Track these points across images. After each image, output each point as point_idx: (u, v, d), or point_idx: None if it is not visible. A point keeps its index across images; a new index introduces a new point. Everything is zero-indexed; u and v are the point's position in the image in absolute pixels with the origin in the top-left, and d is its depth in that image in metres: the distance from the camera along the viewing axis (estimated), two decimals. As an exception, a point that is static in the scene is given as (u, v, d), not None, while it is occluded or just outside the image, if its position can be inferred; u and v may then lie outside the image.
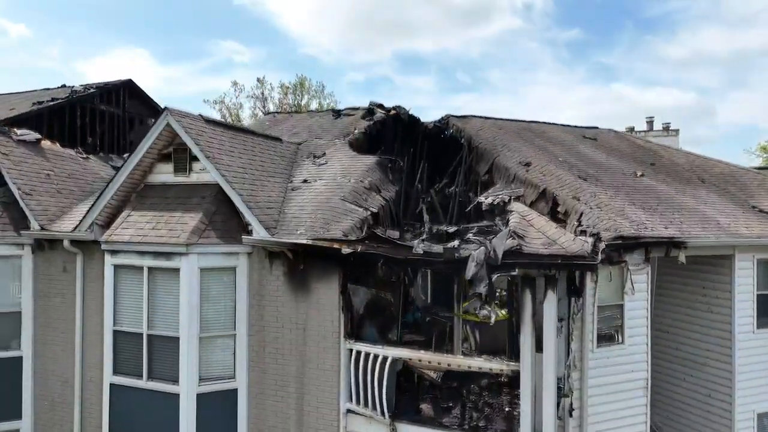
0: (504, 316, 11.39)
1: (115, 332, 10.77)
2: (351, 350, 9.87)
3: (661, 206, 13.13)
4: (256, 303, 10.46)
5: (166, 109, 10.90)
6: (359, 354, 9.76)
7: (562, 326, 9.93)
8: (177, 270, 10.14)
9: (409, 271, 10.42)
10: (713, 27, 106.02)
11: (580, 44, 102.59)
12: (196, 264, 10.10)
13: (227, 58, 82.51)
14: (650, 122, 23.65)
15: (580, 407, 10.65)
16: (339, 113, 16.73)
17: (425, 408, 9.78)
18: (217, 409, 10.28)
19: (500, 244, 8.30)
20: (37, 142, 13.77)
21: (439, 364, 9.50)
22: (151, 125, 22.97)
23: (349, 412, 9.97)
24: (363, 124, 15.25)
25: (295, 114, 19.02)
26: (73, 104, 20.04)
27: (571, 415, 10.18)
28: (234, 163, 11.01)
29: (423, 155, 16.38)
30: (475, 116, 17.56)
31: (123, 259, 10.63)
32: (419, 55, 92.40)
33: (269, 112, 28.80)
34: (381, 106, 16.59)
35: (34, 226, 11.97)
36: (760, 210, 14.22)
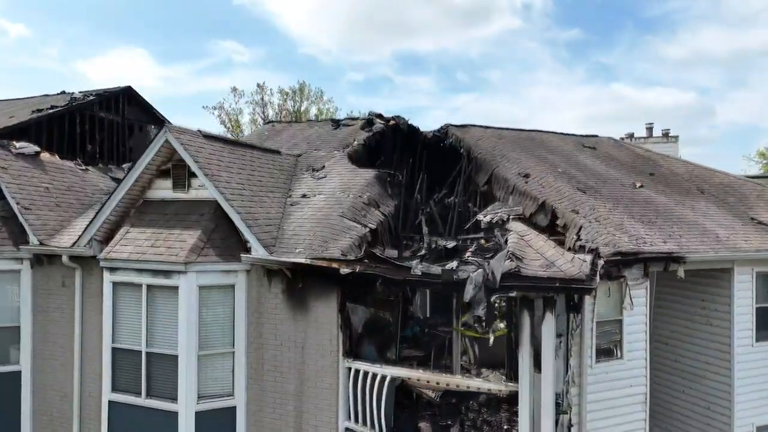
0: (503, 330, 11.39)
1: (114, 349, 10.77)
2: (350, 369, 9.87)
3: (660, 219, 13.13)
4: (255, 320, 10.46)
5: (164, 125, 10.90)
6: (358, 372, 9.77)
7: (560, 342, 9.92)
8: (176, 288, 10.14)
9: (408, 289, 10.41)
10: (713, 27, 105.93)
11: (580, 44, 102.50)
12: (195, 282, 10.10)
13: (227, 58, 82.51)
14: (650, 128, 23.53)
15: (579, 423, 10.67)
16: (338, 123, 16.72)
17: (424, 426, 9.77)
18: (215, 427, 10.29)
19: (498, 267, 8.29)
20: (36, 155, 13.76)
21: (438, 384, 9.50)
22: (151, 131, 23.12)
23: (348, 430, 9.98)
24: (362, 136, 15.24)
25: (295, 123, 19.01)
26: (73, 112, 20.06)
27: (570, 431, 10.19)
28: (233, 180, 11.00)
29: (422, 165, 16.38)
30: (474, 125, 17.57)
31: (122, 277, 10.64)
32: (419, 55, 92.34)
33: (269, 121, 28.78)
34: (380, 116, 16.60)
35: (33, 241, 11.97)
36: (759, 222, 14.21)
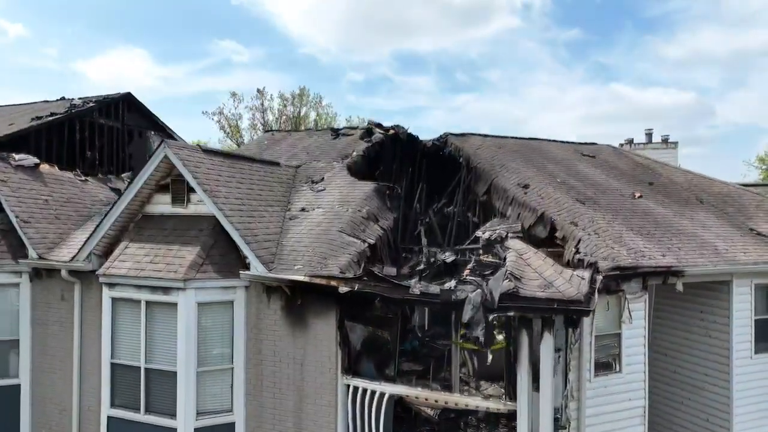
0: (501, 344, 11.39)
1: (113, 365, 10.77)
2: (348, 386, 9.89)
3: (659, 231, 13.13)
4: (254, 336, 10.47)
5: (163, 141, 10.90)
6: (357, 390, 9.79)
7: (559, 356, 9.94)
8: (175, 304, 10.14)
9: (407, 306, 10.42)
10: (712, 27, 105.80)
11: (579, 44, 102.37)
12: (194, 299, 10.11)
13: (226, 59, 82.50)
14: (649, 134, 23.52)
15: (578, 437, 10.69)
16: (338, 133, 16.72)
17: (423, 443, 9.79)
18: (214, 443, 10.31)
19: (497, 287, 8.30)
20: (35, 167, 13.77)
21: (437, 402, 9.51)
22: (150, 137, 23.10)
23: (347, 447, 9.99)
24: (361, 146, 15.24)
25: (294, 132, 19.01)
26: (72, 119, 20.07)
27: (569, 446, 10.20)
28: (231, 195, 11.00)
29: (422, 174, 16.40)
30: (473, 134, 17.59)
31: (120, 293, 10.64)
32: (418, 55, 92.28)
33: (268, 130, 28.80)
34: (380, 126, 16.62)
35: (32, 254, 11.98)
36: (758, 233, 14.21)
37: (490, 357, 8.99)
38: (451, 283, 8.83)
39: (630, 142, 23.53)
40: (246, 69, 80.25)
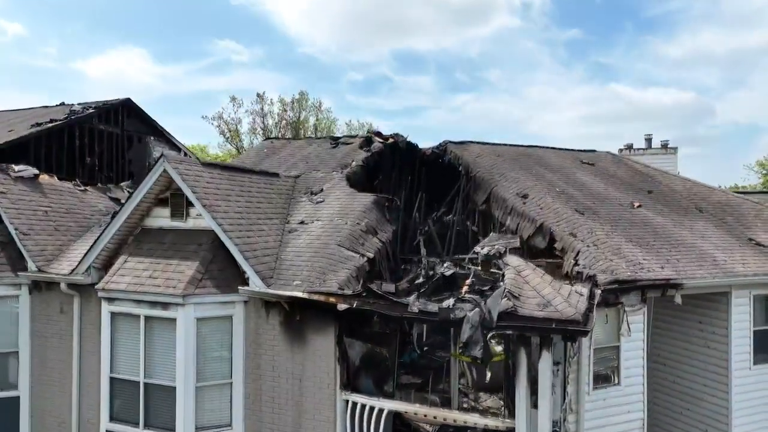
0: (500, 356, 11.41)
1: (112, 379, 10.79)
2: (347, 401, 9.89)
3: (658, 242, 13.13)
4: (253, 351, 10.47)
5: (162, 155, 10.90)
6: (355, 405, 9.79)
7: (558, 369, 9.95)
8: (174, 320, 10.16)
9: (405, 322, 10.43)
10: (712, 26, 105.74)
11: (579, 44, 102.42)
12: (193, 314, 10.12)
13: (225, 58, 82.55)
14: (648, 139, 23.47)
15: (577, 450, 10.69)
16: (337, 141, 16.72)
17: (421, 458, 9.80)
18: (213, 457, 10.32)
19: (495, 306, 8.31)
20: (34, 178, 13.77)
21: (435, 418, 9.52)
22: (150, 143, 23.07)
23: (346, 463, 10.00)
24: (360, 156, 15.23)
25: (294, 140, 19.00)
26: (72, 125, 20.10)
27: (568, 459, 10.21)
28: (231, 209, 11.01)
29: (421, 182, 16.40)
30: (473, 142, 17.57)
31: (120, 307, 10.65)
32: (418, 55, 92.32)
33: (268, 137, 28.80)
34: (379, 134, 16.63)
35: (32, 267, 11.99)
36: (756, 243, 14.22)
37: (489, 375, 8.93)
38: (450, 301, 8.84)
39: (629, 147, 23.48)
40: (245, 69, 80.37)
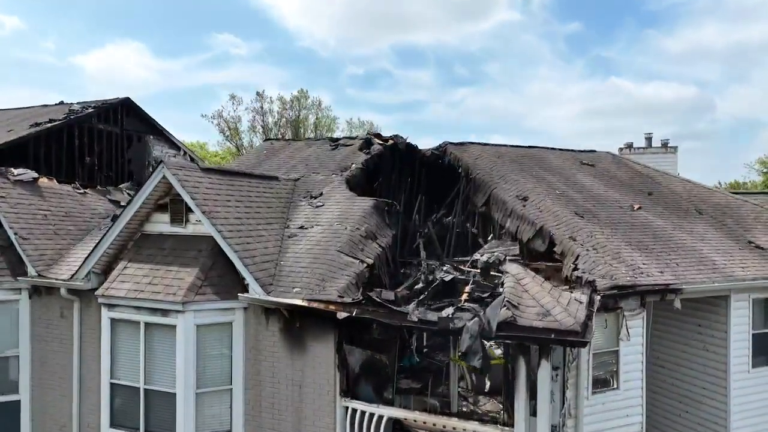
0: (499, 359, 11.44)
1: (112, 385, 10.81)
2: (347, 408, 9.93)
3: (658, 245, 13.14)
4: (253, 358, 10.50)
5: (162, 162, 10.89)
6: (355, 412, 9.83)
7: (557, 374, 9.99)
8: (173, 326, 10.17)
9: (405, 330, 10.47)
10: (713, 21, 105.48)
11: (579, 38, 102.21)
12: (193, 321, 10.13)
13: (224, 52, 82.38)
14: (649, 138, 23.44)
15: (575, 455, 10.73)
16: (337, 143, 16.69)
17: (420, 464, 9.84)
18: (213, 463, 10.36)
19: (494, 315, 8.32)
20: (34, 181, 13.75)
21: (434, 426, 9.55)
22: (149, 142, 23.03)
23: (345, 469, 10.04)
24: (360, 158, 15.22)
25: (293, 142, 18.96)
26: (71, 125, 20.12)
27: (566, 464, 10.24)
28: (230, 215, 11.01)
29: (421, 184, 16.40)
30: (472, 143, 17.56)
31: (119, 314, 10.66)
32: (417, 49, 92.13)
33: (268, 138, 28.76)
34: (378, 136, 16.61)
35: (31, 272, 12.00)
36: (756, 246, 14.22)
37: (488, 383, 8.95)
38: (449, 310, 8.86)
39: (629, 146, 23.47)
40: (244, 62, 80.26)
